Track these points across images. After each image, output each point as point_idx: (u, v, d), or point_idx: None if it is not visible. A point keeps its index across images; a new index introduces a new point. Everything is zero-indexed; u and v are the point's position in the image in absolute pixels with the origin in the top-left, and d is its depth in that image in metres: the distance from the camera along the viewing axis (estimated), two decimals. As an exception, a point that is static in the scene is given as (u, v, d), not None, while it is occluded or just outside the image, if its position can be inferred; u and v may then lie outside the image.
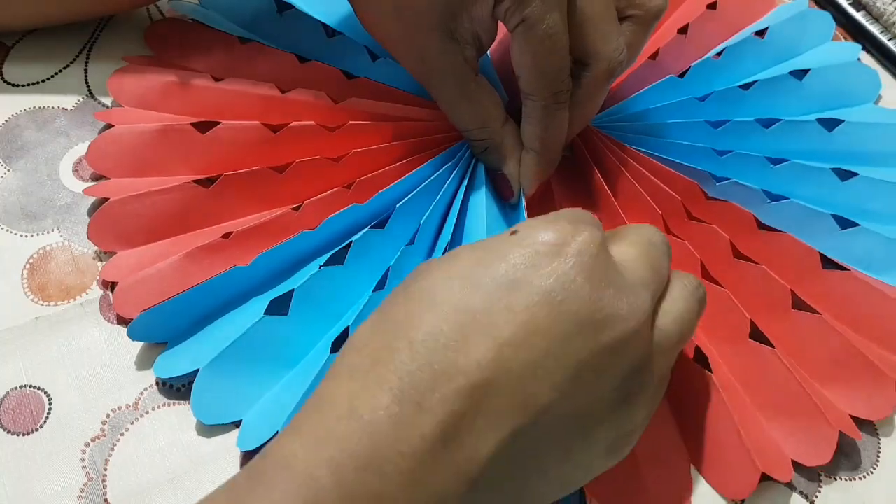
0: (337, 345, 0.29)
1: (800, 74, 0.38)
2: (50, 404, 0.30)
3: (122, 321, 0.31)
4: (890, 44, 0.44)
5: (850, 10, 0.45)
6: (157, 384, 0.30)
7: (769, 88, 0.37)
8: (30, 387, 0.30)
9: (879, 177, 0.35)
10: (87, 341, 0.31)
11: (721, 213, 0.33)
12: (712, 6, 0.40)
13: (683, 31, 0.39)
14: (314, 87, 0.35)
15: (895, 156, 0.37)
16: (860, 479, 0.31)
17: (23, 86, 0.37)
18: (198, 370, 0.29)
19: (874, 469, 0.31)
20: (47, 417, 0.29)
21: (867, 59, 0.44)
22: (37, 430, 0.29)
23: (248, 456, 0.29)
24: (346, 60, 0.36)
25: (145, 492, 0.28)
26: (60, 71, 0.37)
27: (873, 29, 0.44)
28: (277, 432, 0.28)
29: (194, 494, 0.28)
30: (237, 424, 0.29)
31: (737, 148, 0.35)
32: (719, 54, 0.38)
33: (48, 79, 0.37)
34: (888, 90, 0.41)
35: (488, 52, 0.35)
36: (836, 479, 0.31)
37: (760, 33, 0.39)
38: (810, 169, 0.35)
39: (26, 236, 0.33)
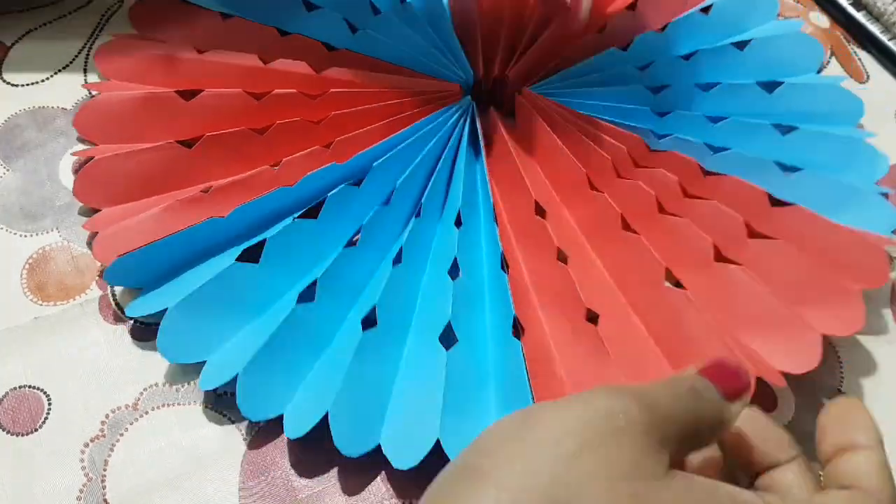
0: (303, 297, 0.30)
1: (741, 45, 0.38)
2: (49, 404, 0.30)
3: (118, 319, 0.31)
4: (890, 44, 0.44)
5: (851, 9, 0.45)
6: (157, 384, 0.30)
7: (711, 58, 0.38)
8: (29, 387, 0.30)
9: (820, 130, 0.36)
10: (87, 341, 0.31)
11: (666, 161, 0.34)
12: None
13: (632, 7, 0.39)
14: (295, 57, 0.36)
15: (835, 114, 0.37)
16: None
17: (22, 86, 0.37)
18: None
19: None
20: (46, 417, 0.29)
21: (867, 59, 0.44)
22: (36, 430, 0.29)
23: (251, 449, 0.29)
24: (325, 33, 0.37)
25: (145, 492, 0.28)
26: (60, 70, 0.37)
27: (873, 29, 0.44)
28: (237, 374, 0.29)
29: (194, 494, 0.28)
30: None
31: (676, 109, 0.36)
32: (663, 28, 0.38)
33: (48, 78, 0.37)
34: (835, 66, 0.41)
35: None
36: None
37: (705, 10, 0.40)
38: (751, 125, 0.35)
39: (25, 236, 0.33)
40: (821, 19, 0.45)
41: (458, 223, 0.33)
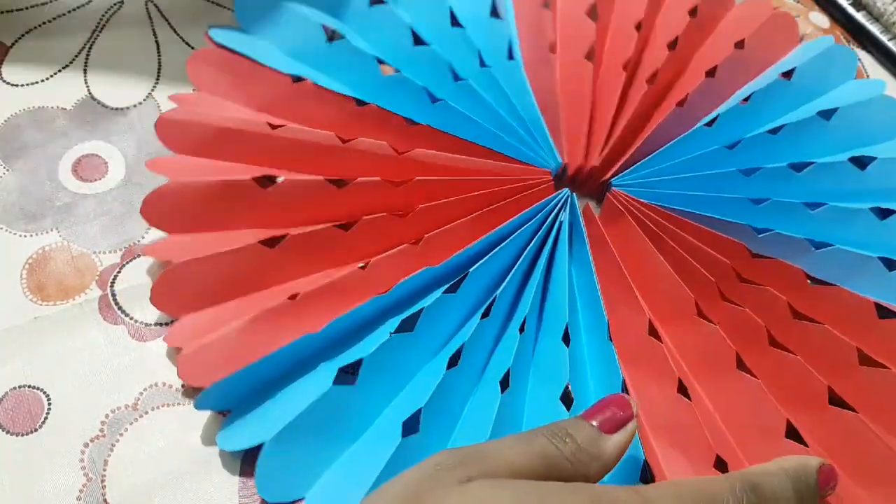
0: (407, 427, 0.28)
1: (827, 114, 0.37)
2: (49, 404, 0.30)
3: (118, 319, 0.31)
4: (890, 44, 0.44)
5: (851, 10, 0.45)
6: (158, 384, 0.30)
7: (798, 131, 0.36)
8: (29, 387, 0.30)
9: None
10: (86, 341, 0.31)
11: (770, 271, 0.32)
12: (740, 45, 0.39)
13: (711, 73, 0.38)
14: (374, 133, 0.34)
15: None
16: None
17: (22, 85, 0.37)
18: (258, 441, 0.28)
19: None
20: (46, 418, 0.29)
21: (867, 59, 0.44)
22: (36, 430, 0.29)
23: (248, 458, 0.29)
24: (403, 100, 0.35)
25: (144, 492, 0.28)
26: (60, 71, 0.37)
27: (873, 29, 0.44)
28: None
29: (194, 494, 0.28)
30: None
31: (772, 195, 0.34)
32: (747, 99, 0.37)
33: (48, 78, 0.37)
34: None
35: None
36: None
37: (787, 74, 0.38)
38: (849, 211, 0.34)
39: (25, 236, 0.33)
40: (821, 19, 0.45)
41: (566, 338, 0.31)
